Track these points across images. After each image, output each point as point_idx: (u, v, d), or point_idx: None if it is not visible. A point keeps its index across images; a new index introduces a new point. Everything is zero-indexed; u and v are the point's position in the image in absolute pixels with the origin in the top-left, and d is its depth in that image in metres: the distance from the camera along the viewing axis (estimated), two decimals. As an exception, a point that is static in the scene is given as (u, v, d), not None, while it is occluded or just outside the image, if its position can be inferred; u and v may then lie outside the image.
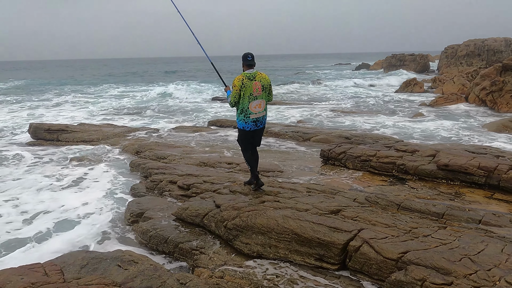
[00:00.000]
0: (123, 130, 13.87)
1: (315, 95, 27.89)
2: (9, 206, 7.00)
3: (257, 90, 5.25)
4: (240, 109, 5.32)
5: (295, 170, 8.03)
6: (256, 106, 5.30)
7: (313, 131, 11.47)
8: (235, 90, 5.21)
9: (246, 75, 5.25)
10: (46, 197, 7.44)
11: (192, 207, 5.38)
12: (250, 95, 5.23)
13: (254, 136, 5.57)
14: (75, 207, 6.81)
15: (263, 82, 5.32)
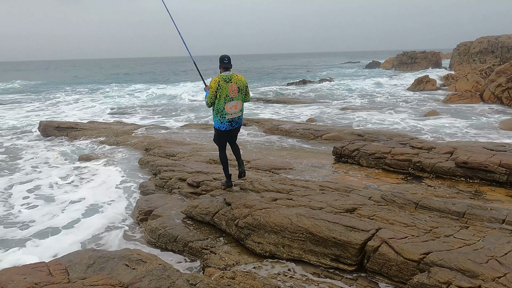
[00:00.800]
0: (132, 127, 13.80)
1: (325, 93, 27.60)
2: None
3: (233, 91, 5.40)
4: (216, 109, 5.46)
5: (306, 168, 7.82)
6: (232, 107, 5.46)
7: (325, 129, 11.24)
8: (211, 91, 5.35)
9: (223, 77, 5.38)
10: (53, 194, 7.35)
11: (202, 205, 5.22)
12: (226, 97, 5.37)
13: (229, 135, 5.77)
14: (81, 205, 6.70)
15: (239, 84, 5.46)
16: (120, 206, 6.68)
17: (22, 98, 29.45)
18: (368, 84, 32.68)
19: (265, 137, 11.51)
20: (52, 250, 5.08)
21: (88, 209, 6.52)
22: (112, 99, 27.37)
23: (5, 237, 5.65)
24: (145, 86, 38.94)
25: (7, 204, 7.04)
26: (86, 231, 5.65)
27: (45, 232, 5.79)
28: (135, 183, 7.80)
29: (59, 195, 7.38)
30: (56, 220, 6.20)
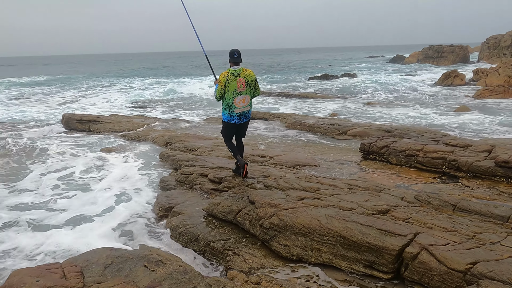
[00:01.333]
0: (153, 121, 13.72)
1: (348, 88, 26.95)
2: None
3: (241, 86, 5.51)
4: (225, 103, 5.61)
5: (332, 165, 7.48)
6: (240, 101, 5.57)
7: (350, 124, 10.83)
8: (220, 85, 5.48)
9: (231, 71, 5.48)
10: (71, 188, 7.27)
11: (225, 202, 4.97)
12: (235, 91, 5.49)
13: (238, 129, 5.91)
14: (100, 199, 6.58)
15: (247, 78, 5.55)
16: (139, 201, 6.51)
17: (46, 91, 29.97)
18: (392, 78, 31.77)
19: (287, 132, 11.19)
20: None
21: (104, 204, 6.37)
22: (132, 93, 27.50)
23: (42, 222, 5.67)
24: (165, 80, 39.11)
25: (35, 193, 7.02)
26: (102, 228, 5.49)
27: (75, 220, 5.71)
28: (155, 177, 7.64)
29: (77, 188, 7.29)
30: (73, 212, 6.09)
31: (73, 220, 5.84)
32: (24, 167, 8.79)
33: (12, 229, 5.57)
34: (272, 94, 24.29)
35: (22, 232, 5.44)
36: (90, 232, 5.34)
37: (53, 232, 5.35)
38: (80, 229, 5.45)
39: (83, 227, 5.56)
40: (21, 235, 5.30)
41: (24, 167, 8.83)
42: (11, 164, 9.05)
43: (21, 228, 5.59)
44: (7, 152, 10.17)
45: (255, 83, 5.72)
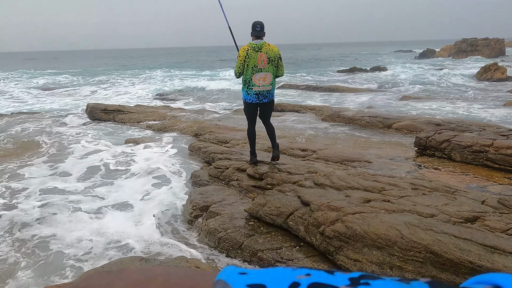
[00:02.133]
0: (180, 112, 13.08)
1: (378, 82, 25.69)
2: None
3: (262, 62, 5.09)
4: (244, 80, 5.22)
5: (384, 161, 6.59)
6: (260, 79, 5.14)
7: (395, 116, 9.85)
8: (240, 60, 5.13)
9: (252, 45, 5.10)
10: (95, 184, 6.63)
11: (272, 203, 4.19)
12: (254, 67, 5.09)
13: (258, 109, 5.45)
14: (124, 195, 5.89)
15: (269, 54, 5.11)
16: (168, 198, 5.79)
17: (72, 83, 29.92)
18: (425, 72, 30.23)
19: (324, 125, 10.31)
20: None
21: (130, 202, 5.68)
22: (157, 85, 27.05)
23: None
24: (191, 72, 38.65)
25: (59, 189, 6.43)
26: (128, 230, 4.78)
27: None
28: (185, 171, 6.93)
29: (101, 184, 6.65)
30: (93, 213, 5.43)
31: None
32: (51, 159, 8.25)
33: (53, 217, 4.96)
34: (299, 87, 23.36)
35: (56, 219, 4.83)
36: (114, 233, 4.66)
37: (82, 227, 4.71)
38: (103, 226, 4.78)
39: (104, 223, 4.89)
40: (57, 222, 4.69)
41: (50, 158, 8.30)
42: (40, 156, 8.54)
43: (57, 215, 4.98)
44: (34, 143, 9.70)
45: (279, 60, 5.20)
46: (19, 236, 4.64)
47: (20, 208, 5.51)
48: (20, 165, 7.64)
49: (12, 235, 4.69)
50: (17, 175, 7.05)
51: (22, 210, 5.44)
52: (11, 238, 4.59)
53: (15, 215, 5.23)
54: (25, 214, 5.29)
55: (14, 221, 5.05)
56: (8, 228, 4.86)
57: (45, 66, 56.76)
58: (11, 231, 4.79)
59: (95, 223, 4.88)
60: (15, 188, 6.37)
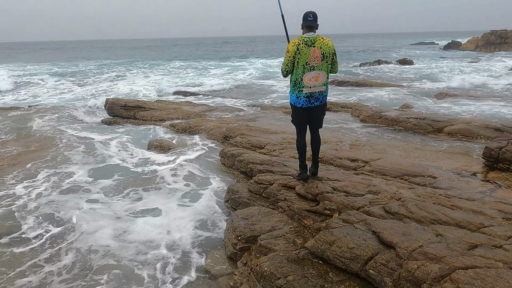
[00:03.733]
0: (204, 109, 12.29)
1: (406, 76, 24.41)
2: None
3: (315, 59, 4.34)
4: (293, 80, 4.49)
5: (449, 176, 5.65)
6: (312, 79, 4.40)
7: (446, 119, 8.83)
8: (288, 56, 4.38)
9: (304, 39, 4.34)
10: (106, 199, 5.89)
11: (342, 242, 3.34)
12: (306, 65, 4.35)
13: (308, 114, 4.65)
14: (140, 223, 5.06)
15: (324, 49, 4.37)
16: (199, 222, 5.02)
17: (87, 74, 29.44)
18: (456, 66, 28.72)
19: (365, 127, 9.37)
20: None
21: (148, 230, 4.87)
22: (177, 77, 26.31)
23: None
24: (213, 63, 37.84)
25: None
26: (152, 269, 4.01)
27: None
28: (218, 184, 6.14)
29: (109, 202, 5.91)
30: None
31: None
32: (66, 161, 7.56)
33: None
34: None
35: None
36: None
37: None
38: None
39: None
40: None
41: (64, 160, 7.61)
42: (57, 158, 7.86)
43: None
44: (49, 144, 9.05)
45: (333, 56, 4.50)
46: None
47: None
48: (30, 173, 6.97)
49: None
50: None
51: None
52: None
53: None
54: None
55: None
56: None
57: (60, 56, 56.72)
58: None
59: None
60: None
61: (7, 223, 5.02)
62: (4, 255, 4.27)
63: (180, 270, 3.95)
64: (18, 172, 6.91)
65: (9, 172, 6.94)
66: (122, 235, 4.64)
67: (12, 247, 4.44)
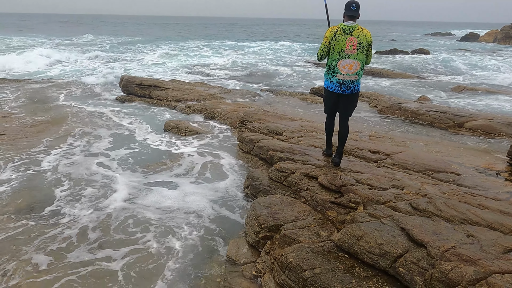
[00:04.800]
0: (219, 91, 12.18)
1: (423, 67, 23.96)
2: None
3: (351, 47, 4.43)
4: (328, 65, 4.66)
5: (473, 173, 5.55)
6: (346, 66, 4.51)
7: (468, 114, 8.65)
8: (325, 41, 4.52)
9: (342, 27, 4.46)
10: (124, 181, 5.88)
11: (370, 237, 3.28)
12: (341, 52, 4.47)
13: (338, 100, 4.81)
14: (167, 201, 5.08)
15: (361, 39, 4.45)
16: (222, 204, 5.00)
17: (100, 51, 29.31)
18: (475, 59, 28.10)
19: (384, 118, 9.23)
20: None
21: (174, 212, 4.89)
22: (191, 57, 26.10)
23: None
24: (229, 43, 37.44)
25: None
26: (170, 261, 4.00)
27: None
28: (237, 168, 6.10)
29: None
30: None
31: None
32: (83, 144, 7.56)
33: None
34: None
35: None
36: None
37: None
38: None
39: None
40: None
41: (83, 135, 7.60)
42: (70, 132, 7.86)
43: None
44: (64, 119, 9.04)
45: (369, 48, 4.60)
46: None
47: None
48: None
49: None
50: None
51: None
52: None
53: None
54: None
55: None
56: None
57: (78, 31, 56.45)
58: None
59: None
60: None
61: (44, 187, 5.05)
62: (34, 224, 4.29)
63: (200, 254, 3.95)
64: (42, 142, 6.92)
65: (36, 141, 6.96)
66: (135, 200, 4.64)
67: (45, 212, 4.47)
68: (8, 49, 26.98)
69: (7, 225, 4.35)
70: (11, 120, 8.54)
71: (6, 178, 5.55)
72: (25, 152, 6.58)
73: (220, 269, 3.68)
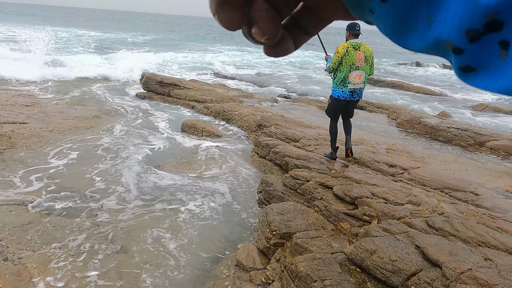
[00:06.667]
0: (238, 94, 12.21)
1: (445, 82, 23.60)
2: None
3: (360, 60, 5.26)
4: (339, 77, 5.34)
5: (493, 194, 5.42)
6: (356, 77, 5.32)
7: (490, 133, 8.46)
8: (337, 56, 5.25)
9: (352, 44, 5.25)
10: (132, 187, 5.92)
11: (384, 252, 3.22)
12: (352, 65, 5.25)
13: (347, 106, 5.58)
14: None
15: (366, 53, 5.30)
16: (235, 208, 4.99)
17: (127, 48, 29.78)
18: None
19: (402, 132, 9.10)
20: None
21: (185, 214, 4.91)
22: (213, 59, 26.28)
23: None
24: (253, 48, 37.62)
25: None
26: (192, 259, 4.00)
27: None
28: (251, 172, 6.09)
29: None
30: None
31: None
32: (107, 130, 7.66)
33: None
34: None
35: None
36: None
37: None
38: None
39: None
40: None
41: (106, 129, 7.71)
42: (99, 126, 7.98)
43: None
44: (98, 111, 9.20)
45: (372, 60, 5.39)
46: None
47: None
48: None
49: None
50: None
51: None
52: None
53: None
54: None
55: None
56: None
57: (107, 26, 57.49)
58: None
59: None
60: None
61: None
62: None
63: (210, 257, 3.94)
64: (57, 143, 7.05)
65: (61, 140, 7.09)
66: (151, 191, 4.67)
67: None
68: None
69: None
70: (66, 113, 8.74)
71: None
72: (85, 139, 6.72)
73: (229, 273, 3.66)
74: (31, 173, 5.49)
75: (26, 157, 6.02)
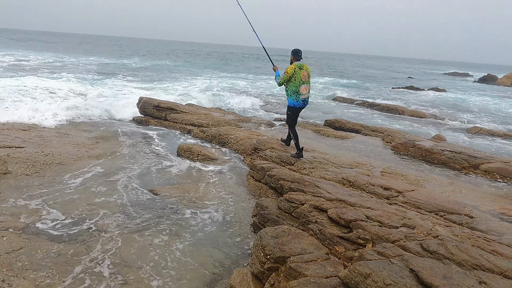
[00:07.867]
0: (234, 118, 12.30)
1: (439, 106, 23.88)
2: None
3: (305, 76, 6.95)
4: (292, 91, 6.95)
5: (488, 218, 5.41)
6: (304, 89, 6.99)
7: (483, 156, 8.52)
8: (286, 75, 6.84)
9: (298, 65, 6.90)
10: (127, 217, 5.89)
11: (378, 276, 3.20)
12: (300, 81, 6.89)
13: (300, 112, 7.28)
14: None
15: (308, 71, 7.03)
16: (229, 232, 4.96)
17: (131, 75, 30.13)
18: (493, 101, 27.92)
19: (396, 155, 9.15)
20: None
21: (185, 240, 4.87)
22: (211, 83, 26.59)
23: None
24: (252, 76, 38.12)
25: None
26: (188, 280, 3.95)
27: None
28: (246, 196, 6.07)
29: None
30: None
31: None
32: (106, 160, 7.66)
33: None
34: (353, 101, 22.13)
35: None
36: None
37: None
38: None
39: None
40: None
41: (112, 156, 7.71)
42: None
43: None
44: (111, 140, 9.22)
45: (310, 76, 7.14)
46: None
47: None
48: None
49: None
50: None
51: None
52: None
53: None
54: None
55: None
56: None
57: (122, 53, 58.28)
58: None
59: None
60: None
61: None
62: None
63: (203, 282, 3.89)
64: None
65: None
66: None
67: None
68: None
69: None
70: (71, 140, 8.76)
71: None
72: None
73: (223, 299, 3.61)
74: (25, 198, 5.46)
75: (20, 182, 5.99)
